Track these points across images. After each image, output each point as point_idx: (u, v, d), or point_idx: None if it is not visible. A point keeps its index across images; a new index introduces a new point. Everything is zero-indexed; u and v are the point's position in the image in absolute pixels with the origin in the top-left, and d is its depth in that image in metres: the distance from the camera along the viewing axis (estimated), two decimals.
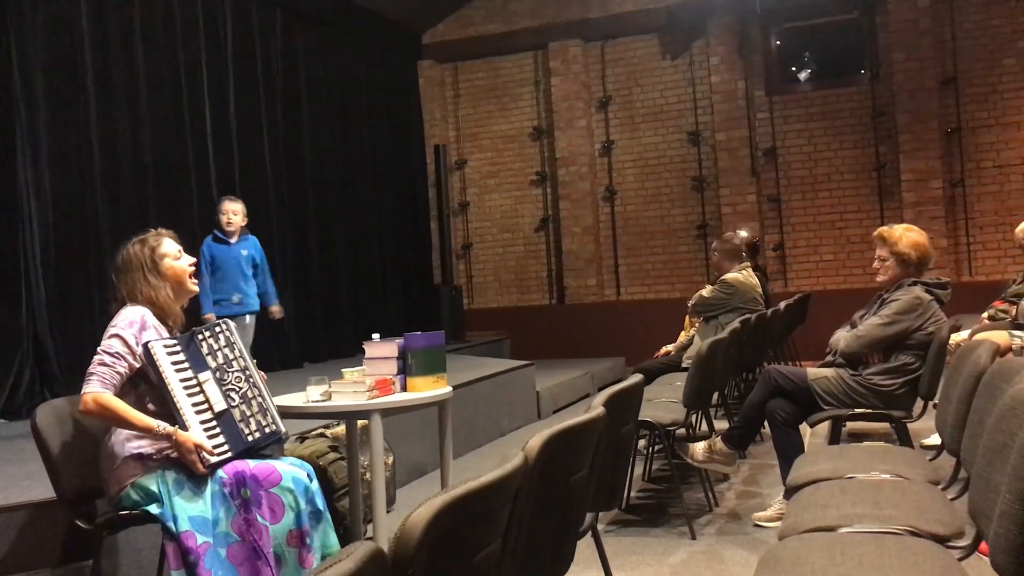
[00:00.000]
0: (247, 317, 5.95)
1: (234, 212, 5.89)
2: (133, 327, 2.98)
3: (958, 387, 3.09)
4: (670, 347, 6.67)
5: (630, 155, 11.05)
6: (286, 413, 3.60)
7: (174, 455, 2.91)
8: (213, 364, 3.05)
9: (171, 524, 2.82)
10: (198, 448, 2.87)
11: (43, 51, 6.40)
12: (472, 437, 6.54)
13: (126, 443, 2.93)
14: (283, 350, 8.50)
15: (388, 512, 4.14)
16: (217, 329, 3.14)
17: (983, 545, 2.25)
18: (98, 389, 2.89)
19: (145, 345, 2.93)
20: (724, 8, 10.24)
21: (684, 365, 5.79)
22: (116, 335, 2.96)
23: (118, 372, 2.93)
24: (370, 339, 3.83)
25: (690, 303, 6.28)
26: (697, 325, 6.31)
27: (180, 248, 3.21)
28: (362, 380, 3.63)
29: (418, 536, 1.43)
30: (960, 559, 2.31)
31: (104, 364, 2.93)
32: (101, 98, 6.81)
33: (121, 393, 2.94)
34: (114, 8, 7.00)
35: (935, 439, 4.32)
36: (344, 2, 9.99)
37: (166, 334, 3.09)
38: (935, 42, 9.81)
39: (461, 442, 6.10)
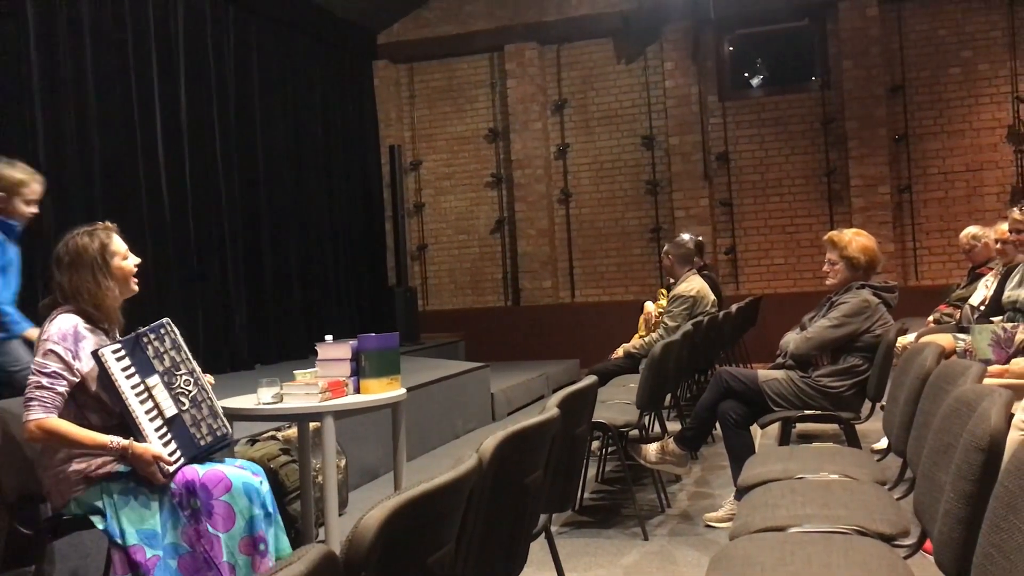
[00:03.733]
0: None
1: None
2: (67, 340, 2.84)
3: (904, 389, 3.15)
4: (626, 347, 6.69)
5: (585, 158, 11.10)
6: (236, 415, 3.55)
7: (118, 468, 2.82)
8: (160, 368, 2.94)
9: (117, 538, 2.75)
10: (156, 459, 2.77)
11: None
12: (426, 439, 6.52)
13: (66, 461, 2.83)
14: (234, 351, 8.39)
15: (340, 515, 4.11)
16: (162, 331, 3.02)
17: (928, 543, 2.29)
18: (41, 415, 2.75)
19: (95, 353, 2.80)
20: (678, 13, 10.33)
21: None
22: (50, 351, 2.81)
23: (58, 393, 2.79)
24: (323, 340, 3.79)
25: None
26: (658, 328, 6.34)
27: (127, 247, 3.07)
28: (314, 382, 3.59)
29: (371, 538, 1.42)
30: (905, 557, 2.35)
31: (42, 387, 2.77)
32: (47, 95, 6.65)
33: (61, 409, 2.81)
34: (62, 2, 6.85)
35: (883, 443, 4.40)
36: (299, 0, 9.91)
37: (103, 339, 2.95)
38: (883, 50, 10.01)
39: (415, 444, 6.08)
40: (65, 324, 2.88)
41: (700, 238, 8.39)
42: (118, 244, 3.03)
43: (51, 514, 2.92)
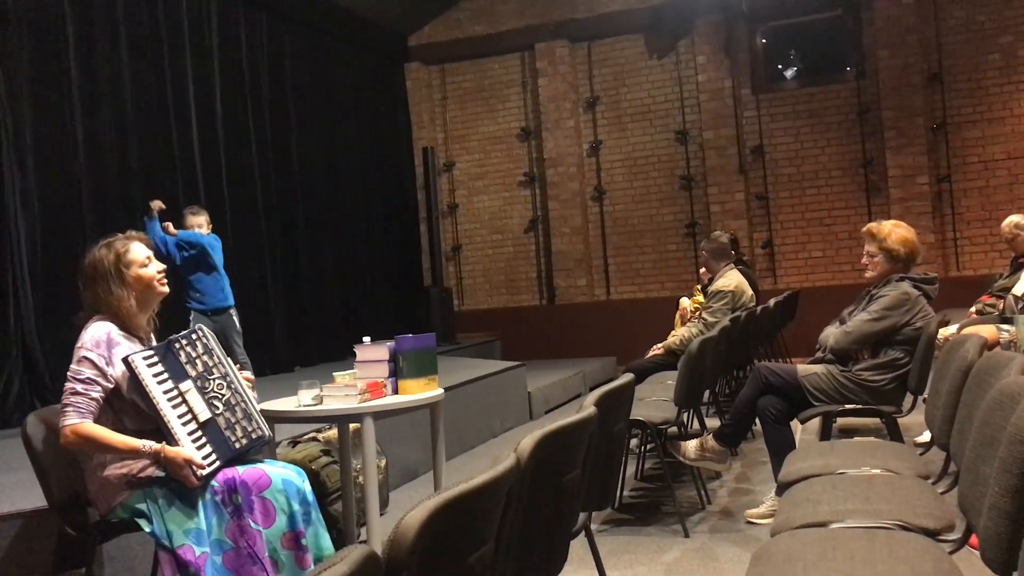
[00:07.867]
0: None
1: None
2: (100, 347, 2.89)
3: (947, 381, 3.11)
4: (661, 346, 6.67)
5: (618, 155, 11.07)
6: (277, 418, 3.59)
7: (159, 473, 2.86)
8: (193, 372, 2.96)
9: (164, 540, 2.79)
10: (188, 463, 2.80)
11: (28, 56, 6.37)
12: (464, 439, 6.54)
13: (108, 466, 2.88)
14: (273, 354, 8.48)
15: (381, 515, 4.14)
16: (194, 336, 3.04)
17: (973, 538, 2.26)
18: (76, 420, 2.81)
19: (126, 359, 2.84)
20: (709, 7, 10.27)
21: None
22: (84, 358, 2.87)
23: (93, 399, 2.84)
24: (361, 342, 3.82)
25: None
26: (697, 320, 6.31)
27: (150, 254, 3.09)
28: (353, 383, 3.62)
29: (412, 538, 1.44)
30: (951, 552, 2.32)
31: (77, 393, 2.84)
32: (87, 103, 6.79)
33: (97, 415, 2.86)
34: (99, 13, 6.98)
35: (926, 436, 4.34)
36: (330, 5, 9.98)
37: (137, 346, 2.99)
38: (920, 39, 9.86)
39: (453, 444, 6.10)
40: (98, 331, 2.93)
41: (730, 234, 8.33)
42: (136, 253, 3.04)
43: (98, 518, 2.98)
